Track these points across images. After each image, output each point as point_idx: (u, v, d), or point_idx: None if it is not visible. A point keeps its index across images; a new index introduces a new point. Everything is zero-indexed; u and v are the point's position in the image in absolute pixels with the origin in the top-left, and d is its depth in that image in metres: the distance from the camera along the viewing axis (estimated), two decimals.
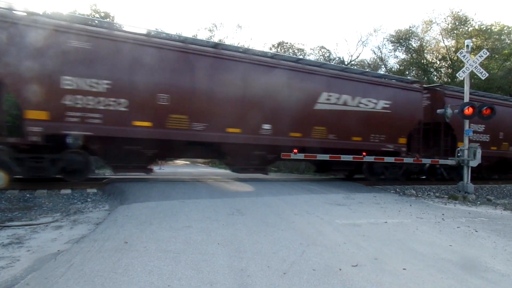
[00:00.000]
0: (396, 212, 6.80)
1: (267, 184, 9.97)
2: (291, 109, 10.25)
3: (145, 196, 6.89)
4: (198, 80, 9.09)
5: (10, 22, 7.30)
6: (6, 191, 7.31)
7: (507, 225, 6.12)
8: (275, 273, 3.24)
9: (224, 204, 6.53)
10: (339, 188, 9.64)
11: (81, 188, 8.19)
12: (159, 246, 3.84)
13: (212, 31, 26.90)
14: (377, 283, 3.13)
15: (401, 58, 29.95)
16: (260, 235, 4.49)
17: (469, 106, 10.30)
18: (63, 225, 5.20)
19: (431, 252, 4.19)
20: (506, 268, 3.76)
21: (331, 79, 11.04)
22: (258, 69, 9.87)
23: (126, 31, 8.99)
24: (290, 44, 27.35)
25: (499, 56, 25.81)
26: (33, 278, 2.98)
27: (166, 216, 5.34)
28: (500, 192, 11.92)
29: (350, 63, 28.98)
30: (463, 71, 10.65)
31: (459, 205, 8.53)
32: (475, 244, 4.74)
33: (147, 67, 8.45)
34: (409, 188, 10.97)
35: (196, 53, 9.16)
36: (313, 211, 6.34)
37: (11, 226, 5.03)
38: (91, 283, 2.86)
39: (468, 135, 10.60)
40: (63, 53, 7.63)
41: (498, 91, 23.19)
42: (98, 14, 22.32)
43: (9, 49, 7.26)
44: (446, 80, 26.71)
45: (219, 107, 9.31)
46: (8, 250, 3.96)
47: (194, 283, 2.94)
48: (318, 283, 3.06)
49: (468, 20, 26.49)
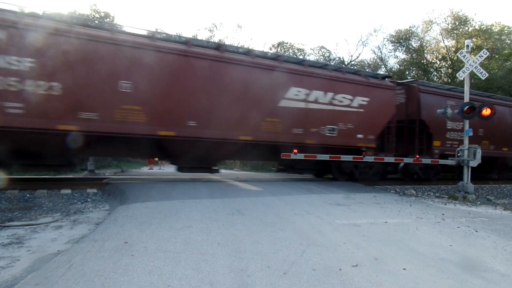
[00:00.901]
0: (396, 212, 6.80)
1: (267, 184, 9.97)
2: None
3: (145, 196, 6.89)
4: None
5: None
6: (6, 191, 7.31)
7: (507, 225, 6.12)
8: (275, 273, 3.24)
9: (224, 204, 6.53)
10: (339, 188, 9.64)
11: (81, 188, 8.19)
12: (159, 246, 3.84)
13: (212, 31, 26.93)
14: (377, 283, 3.13)
15: (401, 58, 30.00)
16: (260, 235, 4.49)
17: (466, 106, 10.30)
18: (63, 225, 5.20)
19: (431, 252, 4.19)
20: (506, 268, 3.76)
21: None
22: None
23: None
24: (290, 44, 27.38)
25: (499, 56, 25.84)
26: (33, 278, 2.98)
27: (166, 216, 5.34)
28: (500, 192, 11.94)
29: (350, 63, 28.99)
30: (463, 71, 10.65)
31: (459, 205, 8.53)
32: (475, 244, 4.74)
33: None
34: (409, 188, 10.97)
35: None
36: (313, 211, 6.34)
37: (11, 226, 5.03)
38: (91, 283, 2.86)
39: (468, 135, 10.60)
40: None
41: (498, 91, 23.22)
42: (98, 14, 22.33)
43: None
44: (446, 80, 26.73)
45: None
46: (8, 250, 3.96)
47: (194, 283, 2.94)
48: (318, 283, 3.06)
49: (468, 20, 26.53)
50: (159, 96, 8.67)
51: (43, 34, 7.41)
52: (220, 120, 9.32)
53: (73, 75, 7.70)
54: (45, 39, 7.43)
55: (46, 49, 7.44)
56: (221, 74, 9.38)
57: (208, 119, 9.23)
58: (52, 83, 7.54)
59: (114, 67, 8.17)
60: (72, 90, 7.72)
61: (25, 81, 7.30)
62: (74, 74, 7.72)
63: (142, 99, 8.42)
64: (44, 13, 7.99)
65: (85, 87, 7.87)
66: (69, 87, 7.68)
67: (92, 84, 7.94)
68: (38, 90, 7.42)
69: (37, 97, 7.41)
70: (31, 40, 7.30)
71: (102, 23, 9.13)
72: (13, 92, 7.22)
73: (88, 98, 7.91)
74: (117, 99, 8.17)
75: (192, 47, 9.19)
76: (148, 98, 8.50)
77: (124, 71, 8.22)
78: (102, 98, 8.07)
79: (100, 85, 8.03)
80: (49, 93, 7.52)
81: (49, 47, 7.47)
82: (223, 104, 9.36)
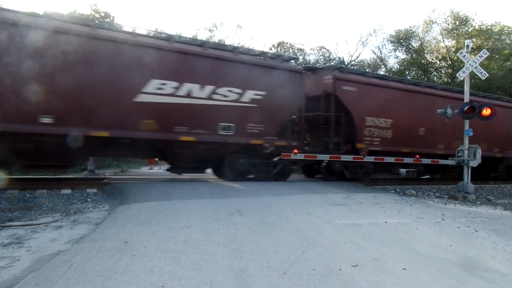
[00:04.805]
0: (396, 212, 6.80)
1: (267, 184, 9.95)
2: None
3: (145, 196, 6.89)
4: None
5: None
6: (6, 191, 7.31)
7: (507, 225, 6.12)
8: (275, 273, 3.24)
9: (224, 204, 6.52)
10: (339, 188, 9.64)
11: (81, 188, 8.18)
12: (159, 246, 3.84)
13: (212, 31, 26.92)
14: (377, 283, 3.13)
15: (401, 58, 29.97)
16: (260, 235, 4.49)
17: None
18: (63, 225, 5.20)
19: (431, 252, 4.19)
20: (506, 268, 3.76)
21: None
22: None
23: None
24: (290, 44, 27.35)
25: (499, 56, 25.83)
26: (33, 278, 2.98)
27: (166, 216, 5.34)
28: (500, 192, 11.94)
29: (350, 63, 28.96)
30: (463, 71, 10.65)
31: (459, 205, 8.53)
32: (475, 244, 4.74)
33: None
34: (409, 188, 10.97)
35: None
36: (313, 211, 6.34)
37: (11, 226, 5.03)
38: (91, 283, 2.86)
39: (468, 135, 10.59)
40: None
41: (498, 91, 23.23)
42: (98, 14, 22.33)
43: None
44: (446, 80, 26.73)
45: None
46: (8, 250, 3.96)
47: (194, 283, 2.94)
48: (318, 283, 3.06)
49: (469, 20, 26.51)
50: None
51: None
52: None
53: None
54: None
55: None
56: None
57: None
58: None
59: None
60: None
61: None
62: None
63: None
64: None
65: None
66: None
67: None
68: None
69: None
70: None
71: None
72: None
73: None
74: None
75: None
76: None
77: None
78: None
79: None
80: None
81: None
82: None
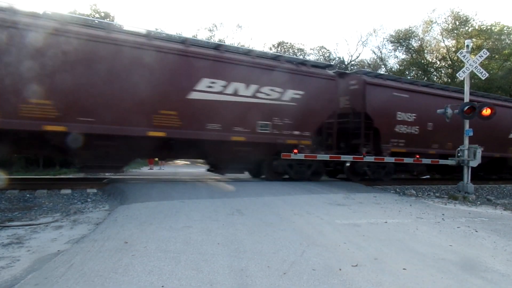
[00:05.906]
0: (396, 212, 6.80)
1: (267, 184, 9.95)
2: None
3: (145, 196, 6.89)
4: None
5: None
6: (6, 191, 7.32)
7: (507, 225, 6.12)
8: (275, 273, 3.24)
9: (224, 204, 6.52)
10: (339, 188, 9.64)
11: (81, 188, 8.19)
12: (159, 246, 3.84)
13: (212, 31, 26.94)
14: (377, 283, 3.13)
15: (401, 58, 30.00)
16: (260, 235, 4.49)
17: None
18: (63, 225, 5.20)
19: (431, 252, 4.19)
20: (506, 268, 3.76)
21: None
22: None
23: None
24: (290, 44, 27.38)
25: (499, 56, 25.85)
26: (33, 278, 2.98)
27: (166, 216, 5.34)
28: (500, 192, 11.94)
29: (350, 63, 28.99)
30: (463, 71, 10.65)
31: (459, 205, 8.53)
32: (475, 244, 4.74)
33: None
34: (409, 188, 10.97)
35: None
36: (313, 211, 6.34)
37: (11, 226, 5.03)
38: (91, 283, 2.86)
39: (468, 135, 10.59)
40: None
41: (498, 91, 23.24)
42: (98, 14, 22.33)
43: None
44: (446, 80, 26.74)
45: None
46: (8, 250, 3.96)
47: (194, 283, 2.94)
48: (318, 283, 3.06)
49: (469, 20, 26.56)
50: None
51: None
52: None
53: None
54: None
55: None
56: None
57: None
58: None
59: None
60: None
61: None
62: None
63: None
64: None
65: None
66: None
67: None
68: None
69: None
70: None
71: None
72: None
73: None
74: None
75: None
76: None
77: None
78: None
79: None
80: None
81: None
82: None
